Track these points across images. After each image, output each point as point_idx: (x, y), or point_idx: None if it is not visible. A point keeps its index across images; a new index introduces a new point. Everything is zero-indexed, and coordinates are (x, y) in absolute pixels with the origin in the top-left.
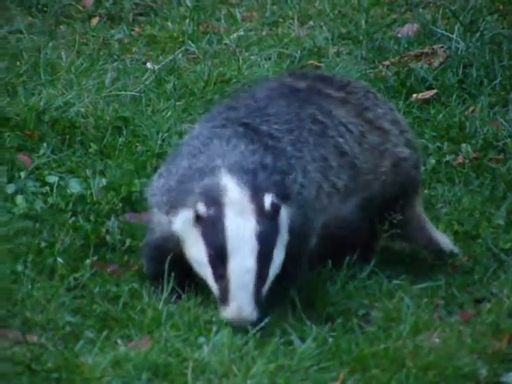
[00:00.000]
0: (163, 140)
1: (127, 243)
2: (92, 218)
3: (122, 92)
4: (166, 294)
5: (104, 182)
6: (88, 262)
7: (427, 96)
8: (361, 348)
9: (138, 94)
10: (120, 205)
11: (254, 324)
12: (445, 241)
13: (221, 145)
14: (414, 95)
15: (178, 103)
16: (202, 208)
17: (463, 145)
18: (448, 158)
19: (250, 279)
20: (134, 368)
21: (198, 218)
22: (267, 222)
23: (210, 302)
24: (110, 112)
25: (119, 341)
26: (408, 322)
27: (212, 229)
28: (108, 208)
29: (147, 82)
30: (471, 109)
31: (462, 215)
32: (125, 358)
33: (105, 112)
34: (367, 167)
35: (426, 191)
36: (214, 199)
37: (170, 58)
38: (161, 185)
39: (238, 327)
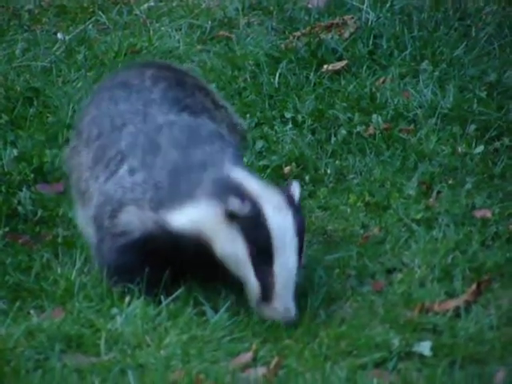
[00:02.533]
0: (74, 111)
1: (39, 214)
2: (3, 188)
3: (33, 63)
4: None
5: (15, 152)
6: (0, 232)
7: (338, 67)
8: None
9: (48, 64)
10: (31, 175)
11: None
12: None
13: (206, 136)
14: (325, 66)
15: (88, 74)
16: (237, 203)
17: (374, 116)
18: (359, 128)
19: (293, 278)
20: (47, 339)
21: (234, 214)
22: (299, 213)
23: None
24: (20, 83)
25: (32, 312)
26: (320, 293)
27: (253, 227)
28: (19, 179)
29: (58, 53)
30: (382, 80)
31: (373, 186)
32: (38, 328)
33: (15, 83)
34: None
35: (337, 162)
36: (243, 193)
37: (81, 28)
38: (139, 180)
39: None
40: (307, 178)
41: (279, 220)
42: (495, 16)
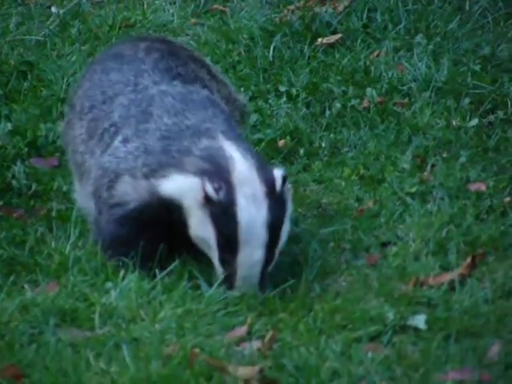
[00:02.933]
0: (68, 84)
1: (33, 188)
2: None
3: (27, 36)
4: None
5: (9, 126)
6: None
7: (332, 40)
8: (268, 292)
9: (42, 38)
10: (26, 149)
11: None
12: None
13: (199, 102)
14: (319, 40)
15: (82, 48)
16: (211, 190)
17: (368, 89)
18: (353, 102)
19: (256, 271)
20: (42, 313)
21: (208, 200)
22: (277, 203)
23: None
24: (14, 56)
25: (26, 286)
26: (315, 266)
27: (223, 215)
28: (13, 153)
29: (52, 27)
30: (376, 53)
31: (367, 159)
32: (32, 302)
33: (9, 56)
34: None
35: (331, 135)
36: (223, 177)
37: (75, 2)
38: (132, 148)
39: None
40: (302, 151)
41: (250, 212)
42: None
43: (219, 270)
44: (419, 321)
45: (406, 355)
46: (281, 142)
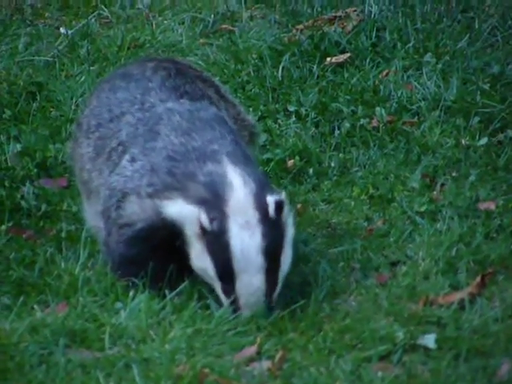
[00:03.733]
0: (77, 105)
1: (43, 208)
2: (7, 183)
3: (36, 57)
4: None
5: (18, 147)
6: (3, 227)
7: (341, 60)
8: (278, 312)
9: (51, 59)
10: (35, 170)
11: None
12: None
13: (206, 120)
14: (328, 59)
15: (91, 68)
16: (205, 221)
17: (377, 108)
18: (362, 121)
19: (259, 297)
20: (51, 333)
21: (203, 231)
22: (273, 228)
23: None
24: (23, 77)
25: (36, 306)
26: (324, 286)
27: (217, 244)
28: (23, 173)
29: (61, 47)
30: (385, 72)
31: (376, 179)
32: (42, 323)
33: (18, 77)
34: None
35: (340, 155)
36: (219, 206)
37: (83, 22)
38: (138, 167)
39: None
40: (311, 171)
41: (243, 239)
42: (498, 8)
43: (223, 299)
44: (429, 340)
45: (415, 374)
46: (290, 162)
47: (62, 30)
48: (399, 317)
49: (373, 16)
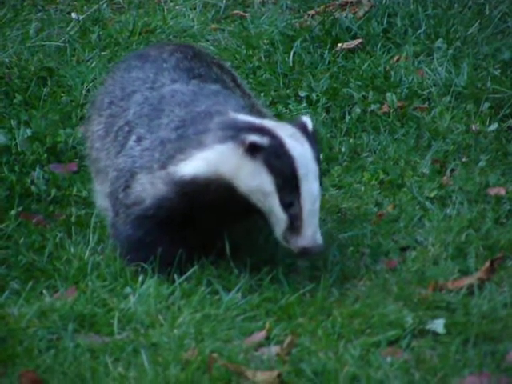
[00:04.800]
0: (88, 90)
1: (52, 193)
2: (17, 168)
3: (47, 42)
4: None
5: (29, 132)
6: (13, 212)
7: (352, 45)
8: (287, 297)
9: (62, 44)
10: (45, 155)
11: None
12: None
13: (209, 93)
14: (339, 45)
15: (102, 53)
16: (257, 138)
17: (388, 94)
18: (373, 107)
19: (318, 205)
20: (60, 318)
21: (255, 148)
22: (314, 141)
23: None
24: (34, 62)
25: (45, 291)
26: (334, 271)
27: (276, 157)
28: (33, 158)
29: (72, 33)
30: (396, 58)
31: (387, 164)
32: (50, 308)
33: (29, 62)
34: None
35: (351, 140)
36: (258, 127)
37: (95, 7)
38: (147, 145)
39: (312, 256)
40: (321, 156)
41: (299, 148)
42: None
43: (282, 216)
44: (438, 325)
45: (424, 359)
46: None
47: (73, 15)
48: (408, 302)
49: (384, 2)
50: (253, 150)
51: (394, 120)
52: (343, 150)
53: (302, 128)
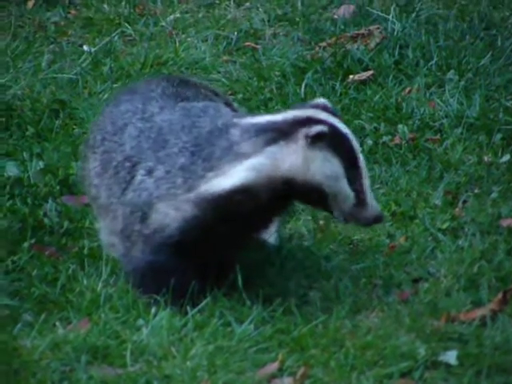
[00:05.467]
0: None
1: (65, 226)
2: (29, 200)
3: (59, 75)
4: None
5: (41, 164)
6: (26, 244)
7: (364, 77)
8: (299, 328)
9: (74, 76)
10: (57, 187)
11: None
12: None
13: (201, 108)
14: (351, 76)
15: (114, 85)
16: (317, 127)
17: (400, 125)
18: (385, 138)
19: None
20: (73, 350)
21: (318, 138)
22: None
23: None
24: (46, 95)
25: (58, 323)
26: (346, 302)
27: (339, 141)
28: (45, 191)
29: (84, 65)
30: (407, 89)
31: (399, 196)
32: (63, 340)
33: (41, 95)
34: None
35: None
36: (309, 119)
37: (107, 40)
38: (161, 174)
39: (380, 223)
40: None
41: (345, 128)
42: None
43: (349, 193)
44: (450, 357)
45: None
46: None
47: (85, 47)
48: (421, 333)
49: (396, 33)
50: (315, 140)
51: (405, 152)
52: None
53: (327, 109)
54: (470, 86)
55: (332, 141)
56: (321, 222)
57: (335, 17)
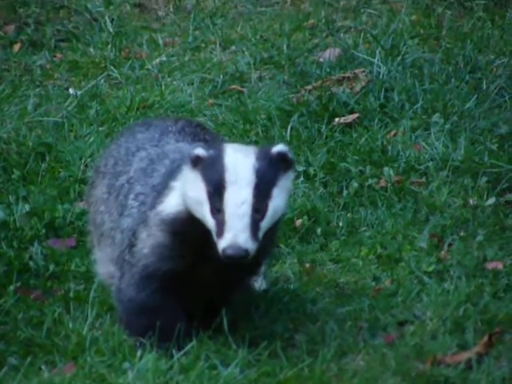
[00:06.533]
0: (86, 165)
1: (51, 269)
2: (15, 244)
3: (45, 118)
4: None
5: (27, 207)
6: (11, 288)
7: (349, 120)
8: (285, 372)
9: (60, 119)
10: (43, 230)
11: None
12: None
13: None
14: (337, 119)
15: (100, 128)
16: (201, 151)
17: (385, 168)
18: (370, 181)
19: (245, 210)
20: None
21: (198, 161)
22: (269, 163)
23: None
24: (32, 138)
25: (43, 367)
26: (332, 345)
27: (211, 167)
28: (31, 234)
29: (70, 108)
30: (393, 132)
31: (385, 238)
32: None
33: (27, 138)
34: None
35: (348, 215)
36: (214, 146)
37: (93, 83)
38: (142, 199)
39: (235, 260)
40: (319, 230)
41: (237, 157)
42: (506, 68)
43: (211, 221)
44: None
45: None
46: (298, 222)
47: (71, 90)
48: (407, 376)
49: (381, 77)
50: (195, 162)
51: (391, 194)
52: (341, 224)
53: (264, 150)
54: (455, 129)
55: (207, 166)
56: (307, 265)
57: (321, 60)
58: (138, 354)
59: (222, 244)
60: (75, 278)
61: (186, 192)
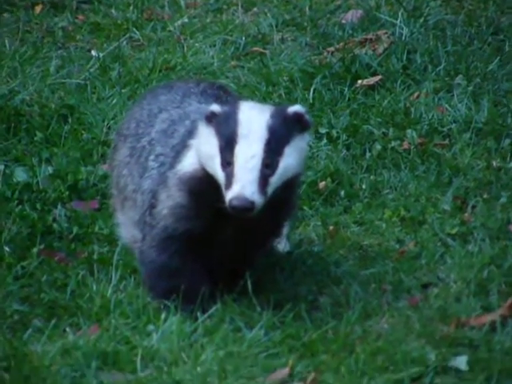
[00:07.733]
0: (109, 128)
1: (74, 231)
2: (38, 206)
3: (67, 80)
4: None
5: (50, 170)
6: (35, 250)
7: (372, 82)
8: (309, 334)
9: (82, 81)
10: (66, 193)
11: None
12: None
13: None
14: (359, 81)
15: (123, 90)
16: (216, 107)
17: (408, 130)
18: (393, 143)
19: (254, 164)
20: (83, 356)
21: (212, 117)
22: (284, 121)
23: None
24: (55, 100)
25: (68, 329)
26: (356, 308)
27: (225, 122)
28: (54, 196)
29: (92, 70)
30: (416, 94)
31: (408, 201)
32: (73, 346)
33: (50, 100)
34: None
35: (372, 177)
36: (229, 103)
37: (115, 45)
38: (162, 160)
39: (241, 212)
40: (342, 193)
41: (250, 114)
42: None
43: (220, 175)
44: (461, 362)
45: None
46: (321, 184)
47: (93, 52)
48: (431, 339)
49: (404, 38)
50: (210, 118)
51: (414, 157)
52: (364, 186)
53: (280, 108)
54: (478, 91)
55: (220, 122)
56: (330, 228)
57: (343, 22)
58: (163, 316)
59: (229, 195)
60: (99, 241)
61: (200, 147)
